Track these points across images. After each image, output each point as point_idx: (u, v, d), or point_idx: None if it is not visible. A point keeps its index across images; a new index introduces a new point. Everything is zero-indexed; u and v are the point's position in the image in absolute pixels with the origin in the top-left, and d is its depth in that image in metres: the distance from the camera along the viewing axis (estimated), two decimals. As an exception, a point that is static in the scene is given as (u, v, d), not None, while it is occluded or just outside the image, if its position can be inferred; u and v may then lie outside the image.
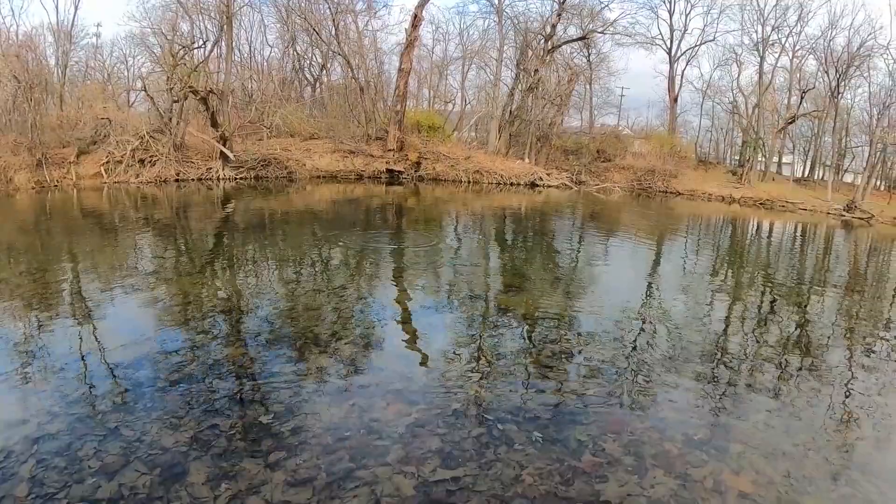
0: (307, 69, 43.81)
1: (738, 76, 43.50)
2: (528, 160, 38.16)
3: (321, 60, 42.51)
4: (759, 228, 27.13)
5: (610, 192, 36.30)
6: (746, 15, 42.59)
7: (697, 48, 45.60)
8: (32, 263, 11.79)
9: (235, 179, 29.62)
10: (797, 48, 40.62)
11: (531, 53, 38.85)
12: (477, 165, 35.57)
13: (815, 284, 14.36)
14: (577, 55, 43.38)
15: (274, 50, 44.62)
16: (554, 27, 37.91)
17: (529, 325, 9.05)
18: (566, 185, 36.16)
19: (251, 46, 43.45)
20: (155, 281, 10.65)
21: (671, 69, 45.79)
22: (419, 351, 7.83)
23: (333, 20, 37.08)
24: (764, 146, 41.72)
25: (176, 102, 28.19)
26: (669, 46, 45.37)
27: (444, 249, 15.44)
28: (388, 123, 36.12)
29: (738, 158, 45.51)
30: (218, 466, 4.74)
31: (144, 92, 28.93)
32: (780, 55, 41.21)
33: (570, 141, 43.67)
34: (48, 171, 24.53)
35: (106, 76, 40.25)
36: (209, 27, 33.50)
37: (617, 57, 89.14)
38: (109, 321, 8.43)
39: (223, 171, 29.49)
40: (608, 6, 48.06)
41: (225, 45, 31.71)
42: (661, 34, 46.32)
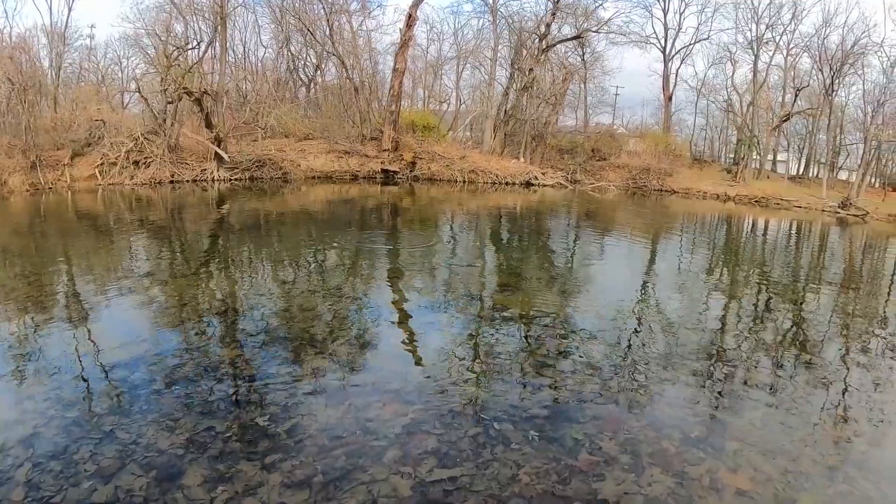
0: (302, 69, 43.81)
1: (732, 74, 43.62)
2: (523, 159, 38.17)
3: (316, 61, 42.51)
4: (754, 226, 27.20)
5: (605, 190, 36.33)
6: (740, 13, 42.86)
7: (692, 47, 45.73)
8: (27, 266, 11.74)
9: (230, 180, 29.55)
10: (791, 46, 40.81)
11: (526, 53, 38.85)
12: (472, 165, 35.58)
13: (810, 282, 14.39)
14: (571, 54, 43.43)
15: (268, 50, 44.67)
16: (548, 26, 37.91)
17: (525, 324, 9.05)
18: (561, 184, 36.19)
19: (245, 47, 43.47)
20: (150, 283, 10.62)
21: (666, 68, 45.88)
22: (415, 351, 7.82)
23: (328, 20, 37.08)
24: (759, 144, 41.81)
25: (170, 103, 28.12)
26: (664, 45, 45.48)
27: (439, 249, 15.43)
28: (382, 123, 36.09)
29: (732, 156, 45.56)
30: (214, 469, 4.73)
31: (138, 93, 28.85)
32: (774, 53, 41.40)
33: (564, 140, 43.66)
34: (42, 173, 24.44)
35: (100, 78, 40.18)
36: (203, 28, 33.45)
37: (611, 56, 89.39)
38: (104, 323, 8.41)
39: (218, 172, 29.41)
40: (602, 5, 48.35)
41: (219, 45, 31.63)
42: (655, 33, 46.38)
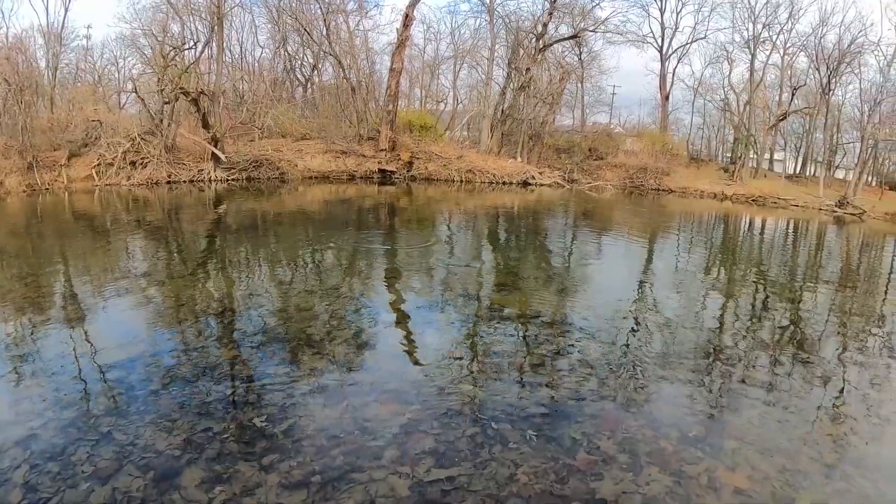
0: (298, 69, 43.71)
1: (729, 74, 43.64)
2: (520, 159, 38.20)
3: (312, 61, 42.43)
4: (751, 225, 27.24)
5: (602, 190, 36.35)
6: (737, 13, 42.61)
7: (689, 46, 45.80)
8: (24, 267, 11.70)
9: (227, 181, 29.51)
10: (788, 45, 40.86)
11: (522, 52, 38.86)
12: (469, 165, 35.58)
13: (807, 280, 14.42)
14: (568, 54, 43.43)
15: (265, 50, 44.52)
16: (545, 26, 37.94)
17: (523, 323, 9.05)
18: (558, 183, 36.22)
19: (242, 47, 43.32)
20: (147, 284, 10.60)
21: (662, 67, 45.96)
22: (413, 351, 7.82)
23: (324, 20, 37.03)
24: (755, 143, 41.84)
25: (167, 104, 28.08)
26: (661, 44, 45.58)
27: (437, 249, 15.43)
28: (379, 123, 36.08)
29: (729, 155, 45.59)
30: (212, 469, 4.72)
31: (135, 93, 28.82)
32: (771, 52, 41.39)
33: (562, 139, 43.70)
34: (39, 174, 24.39)
35: (96, 78, 40.05)
36: (200, 28, 33.39)
37: (608, 55, 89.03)
38: (101, 324, 8.40)
39: (215, 172, 29.37)
40: (599, 5, 48.40)
41: (216, 45, 31.57)
42: (652, 32, 46.29)
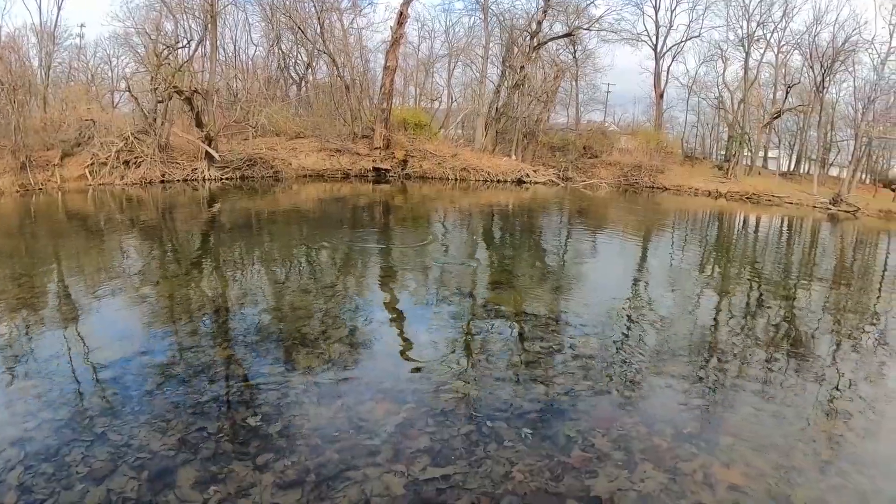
0: (292, 68, 43.65)
1: (723, 72, 43.73)
2: (514, 157, 38.22)
3: (306, 59, 42.36)
4: (745, 223, 27.32)
5: (597, 188, 36.41)
6: (731, 11, 43.09)
7: (683, 44, 45.93)
8: (17, 268, 11.64)
9: (221, 180, 29.41)
10: (782, 44, 41.00)
11: (517, 50, 38.87)
12: (464, 163, 35.63)
13: (802, 278, 14.47)
14: (562, 52, 43.53)
15: (259, 49, 44.44)
16: (539, 24, 37.96)
17: (518, 321, 9.05)
18: (553, 181, 36.27)
19: (236, 45, 43.33)
20: (141, 283, 10.57)
21: (657, 65, 46.04)
22: (408, 349, 7.81)
23: (318, 18, 36.94)
24: (750, 141, 41.97)
25: (160, 103, 27.94)
26: (655, 43, 45.62)
27: (431, 247, 15.42)
28: (374, 121, 36.07)
29: (724, 153, 45.75)
30: (207, 470, 4.71)
31: (129, 92, 28.60)
32: (765, 51, 41.58)
33: (556, 137, 43.77)
34: (32, 174, 24.23)
35: (90, 77, 39.92)
36: (193, 26, 33.34)
37: (603, 53, 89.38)
38: (95, 324, 8.37)
39: (209, 171, 29.25)
40: (594, 3, 48.55)
41: (209, 44, 31.51)
42: (646, 30, 46.61)
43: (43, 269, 11.75)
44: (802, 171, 44.12)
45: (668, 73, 46.61)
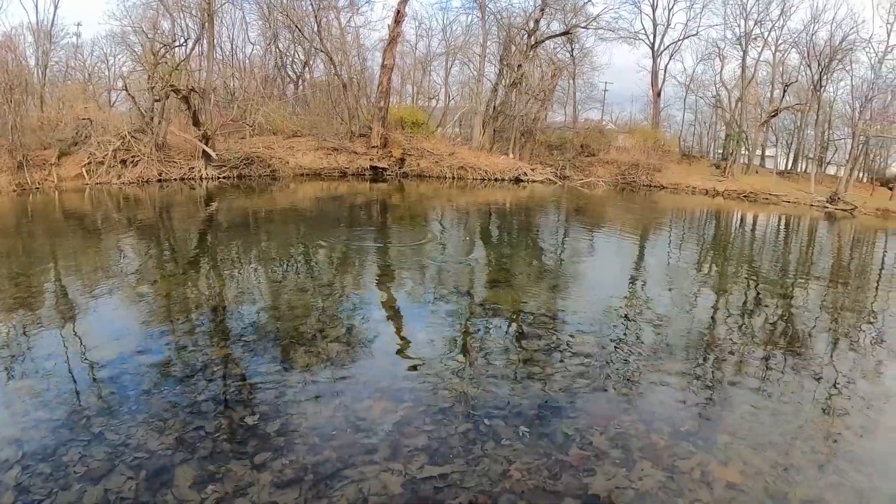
0: (289, 66, 43.55)
1: (720, 70, 43.85)
2: (512, 155, 38.21)
3: (303, 57, 42.31)
4: (742, 221, 27.35)
5: (594, 186, 36.44)
6: (729, 9, 43.08)
7: (680, 43, 45.98)
8: (14, 267, 11.62)
9: (218, 179, 29.34)
10: (780, 42, 41.09)
11: (514, 49, 38.86)
12: (461, 161, 35.63)
13: (799, 276, 14.50)
14: (560, 50, 43.46)
15: (256, 47, 44.31)
16: (537, 22, 37.95)
17: (515, 320, 9.06)
18: (550, 179, 36.27)
19: (233, 44, 43.14)
20: (138, 282, 10.55)
21: (654, 64, 46.06)
22: (405, 348, 7.80)
23: (316, 17, 36.89)
24: (747, 139, 42.05)
25: (157, 101, 27.86)
26: (652, 41, 45.65)
27: (429, 246, 15.40)
28: (371, 120, 36.02)
29: (721, 152, 45.83)
30: (204, 469, 4.70)
31: (125, 91, 28.57)
32: (762, 49, 41.64)
33: (553, 136, 43.73)
34: (29, 173, 24.16)
35: (87, 76, 39.80)
36: (190, 25, 33.15)
37: (600, 52, 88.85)
38: (92, 324, 8.35)
39: (206, 170, 29.18)
40: (591, 1, 48.30)
41: (206, 42, 31.41)
42: (644, 29, 46.31)
43: (40, 268, 11.72)
44: (800, 169, 44.22)
45: (665, 71, 46.76)
